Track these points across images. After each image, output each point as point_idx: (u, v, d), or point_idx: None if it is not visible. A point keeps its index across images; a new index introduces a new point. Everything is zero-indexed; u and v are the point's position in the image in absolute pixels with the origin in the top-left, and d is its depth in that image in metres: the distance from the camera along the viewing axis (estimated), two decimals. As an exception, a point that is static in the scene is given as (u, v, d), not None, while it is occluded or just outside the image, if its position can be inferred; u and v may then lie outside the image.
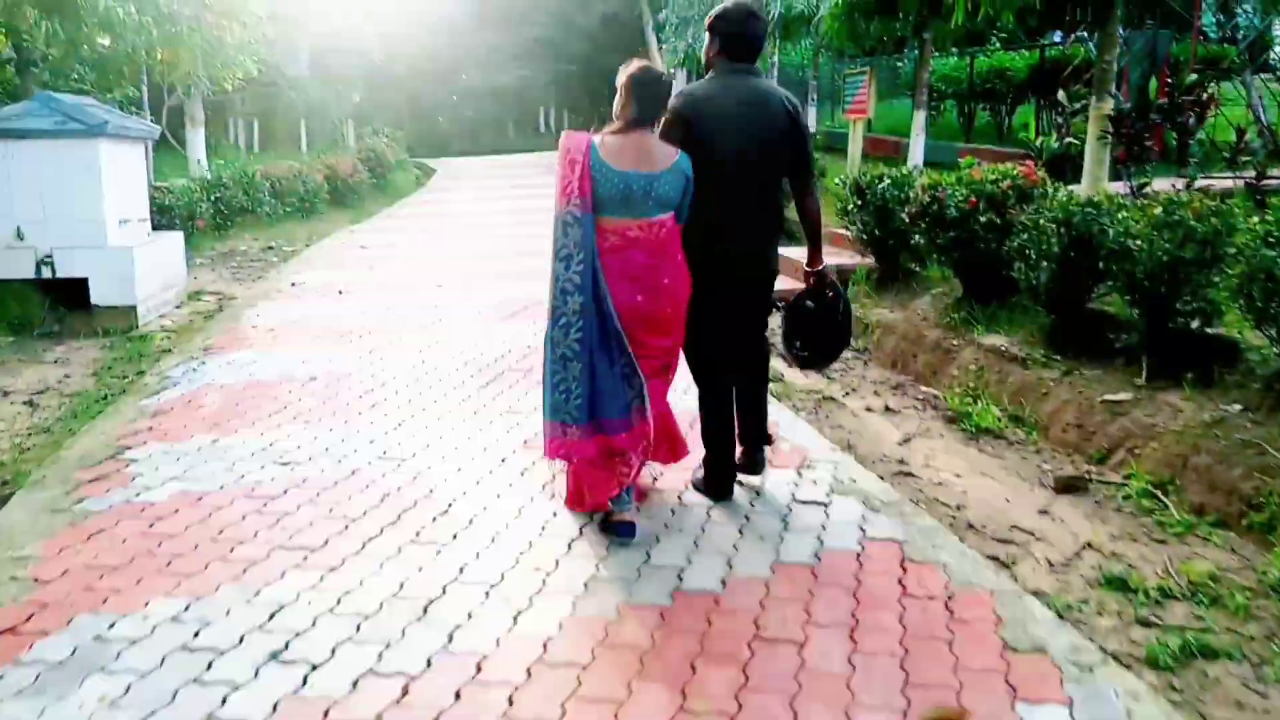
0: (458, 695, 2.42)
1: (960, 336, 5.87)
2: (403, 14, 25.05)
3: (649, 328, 3.27)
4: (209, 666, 2.53)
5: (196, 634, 2.70)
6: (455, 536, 3.37)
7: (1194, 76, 8.34)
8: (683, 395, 4.29)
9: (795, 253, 9.02)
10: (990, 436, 4.83)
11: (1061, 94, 8.79)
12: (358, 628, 2.73)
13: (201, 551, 3.25)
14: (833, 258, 8.83)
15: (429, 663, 2.55)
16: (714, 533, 3.38)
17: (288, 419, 4.73)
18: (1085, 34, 15.67)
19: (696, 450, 3.73)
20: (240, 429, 4.58)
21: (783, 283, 4.02)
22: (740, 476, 3.73)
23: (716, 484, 3.65)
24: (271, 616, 2.79)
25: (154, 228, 10.25)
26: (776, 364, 6.18)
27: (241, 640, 2.66)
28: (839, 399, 5.55)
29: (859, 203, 7.24)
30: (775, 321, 4.25)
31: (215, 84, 14.16)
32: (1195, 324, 4.51)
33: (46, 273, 6.97)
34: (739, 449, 3.70)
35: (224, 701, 2.38)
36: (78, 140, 6.94)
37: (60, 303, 7.03)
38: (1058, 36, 17.15)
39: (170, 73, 10.46)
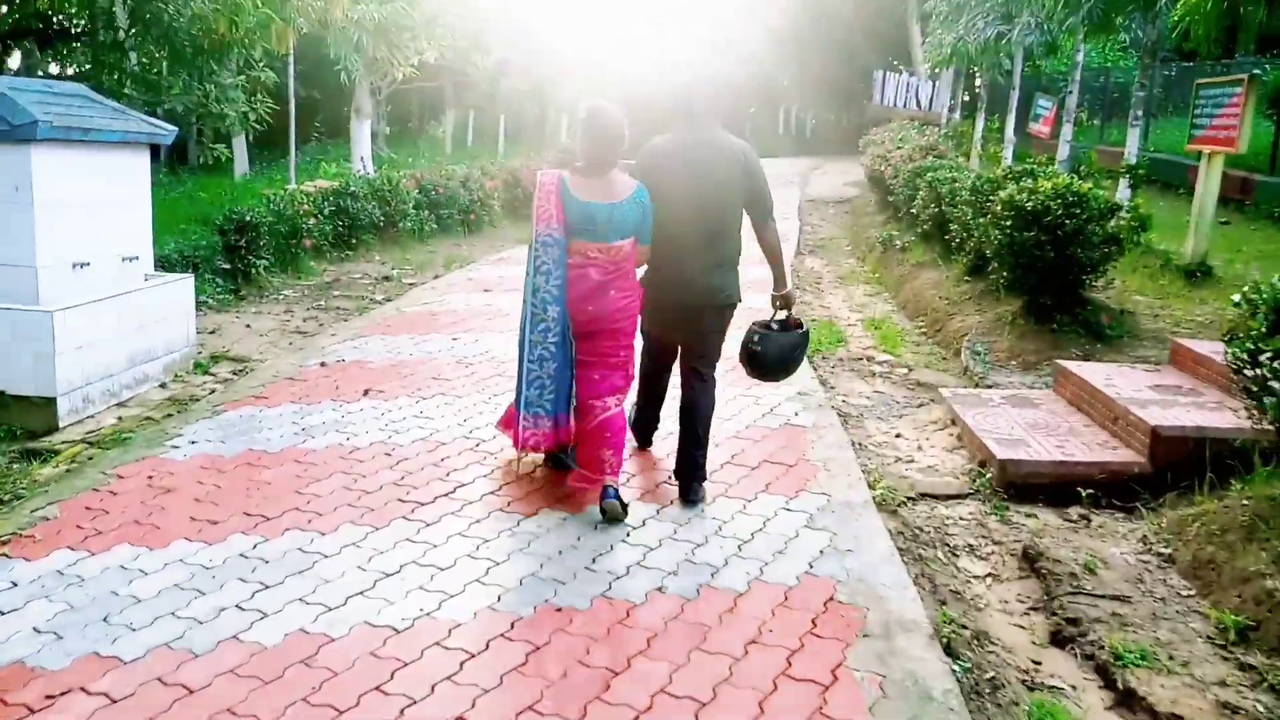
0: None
1: None
2: (629, 3, 22.71)
3: (597, 334, 3.89)
4: None
5: None
6: None
7: None
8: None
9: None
10: None
11: None
12: None
13: None
14: (1191, 410, 4.56)
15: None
16: None
17: None
18: None
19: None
20: None
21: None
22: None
23: (638, 434, 4.53)
24: None
25: (232, 250, 8.25)
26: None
27: None
28: None
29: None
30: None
31: (380, 71, 12.34)
32: None
33: (-60, 341, 4.86)
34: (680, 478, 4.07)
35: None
36: (-4, 148, 4.76)
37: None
38: None
39: (278, 46, 8.34)
